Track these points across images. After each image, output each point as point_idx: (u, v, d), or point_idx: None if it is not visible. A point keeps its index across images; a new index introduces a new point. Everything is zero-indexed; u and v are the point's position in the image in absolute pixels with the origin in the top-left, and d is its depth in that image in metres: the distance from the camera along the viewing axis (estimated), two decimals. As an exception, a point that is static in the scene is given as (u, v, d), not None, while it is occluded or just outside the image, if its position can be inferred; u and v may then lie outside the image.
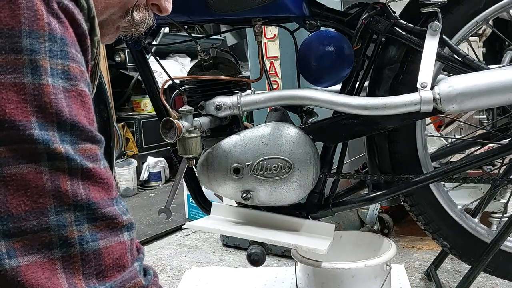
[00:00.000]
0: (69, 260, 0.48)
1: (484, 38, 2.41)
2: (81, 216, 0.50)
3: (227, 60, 1.28)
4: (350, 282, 1.26)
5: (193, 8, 1.18)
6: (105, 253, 0.51)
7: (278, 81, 1.99)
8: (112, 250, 0.51)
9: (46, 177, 0.48)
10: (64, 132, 0.50)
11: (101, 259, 0.50)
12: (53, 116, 0.49)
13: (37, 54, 0.48)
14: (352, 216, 2.13)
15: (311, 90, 1.19)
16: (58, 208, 0.48)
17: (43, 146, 0.48)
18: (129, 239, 0.54)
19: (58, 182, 0.49)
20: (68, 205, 0.49)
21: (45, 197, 0.48)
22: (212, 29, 4.18)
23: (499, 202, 1.63)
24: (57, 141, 0.49)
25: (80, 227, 0.49)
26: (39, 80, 0.48)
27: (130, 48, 1.25)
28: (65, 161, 0.49)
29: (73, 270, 0.49)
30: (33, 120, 0.48)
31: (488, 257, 1.22)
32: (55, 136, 0.49)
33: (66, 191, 0.49)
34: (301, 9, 1.17)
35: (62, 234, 0.48)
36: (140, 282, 0.54)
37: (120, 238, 0.53)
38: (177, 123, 1.10)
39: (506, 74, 1.04)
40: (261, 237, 1.18)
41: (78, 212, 0.49)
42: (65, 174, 0.49)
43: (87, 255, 0.49)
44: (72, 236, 0.49)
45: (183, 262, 2.05)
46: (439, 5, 1.10)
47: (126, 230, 0.54)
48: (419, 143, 1.24)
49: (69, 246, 0.49)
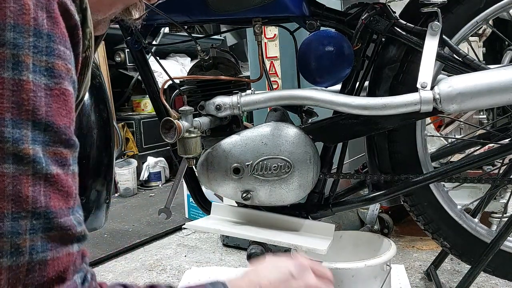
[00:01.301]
0: (15, 270, 0.46)
1: (484, 38, 2.41)
2: (37, 224, 0.47)
3: (227, 60, 1.28)
4: (350, 282, 1.26)
5: (193, 8, 1.18)
6: (51, 264, 0.49)
7: (278, 81, 1.99)
8: (58, 262, 0.49)
9: (8, 180, 0.46)
10: (37, 132, 0.48)
11: (45, 271, 0.48)
12: (28, 114, 0.47)
13: (20, 49, 0.47)
14: (352, 216, 2.13)
15: (311, 90, 1.19)
16: (15, 214, 0.46)
17: (11, 146, 0.46)
18: (77, 251, 0.52)
19: (20, 187, 0.46)
20: (26, 212, 0.47)
21: (4, 201, 0.46)
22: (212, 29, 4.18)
23: (499, 202, 1.63)
24: (28, 141, 0.47)
25: (33, 236, 0.47)
26: (19, 75, 0.47)
27: (130, 48, 1.25)
28: (31, 164, 0.47)
29: (15, 280, 0.47)
30: (7, 116, 0.46)
31: (488, 257, 1.22)
32: (27, 135, 0.47)
33: (26, 197, 0.47)
34: (301, 9, 1.17)
35: (15, 242, 0.46)
36: None
37: (69, 249, 0.50)
38: (177, 123, 1.10)
39: (506, 74, 1.04)
40: (261, 237, 1.18)
41: (34, 220, 0.47)
42: (28, 179, 0.47)
43: (33, 266, 0.47)
44: (24, 245, 0.47)
45: (183, 262, 2.05)
46: (439, 5, 1.10)
47: (76, 241, 0.52)
48: (419, 143, 1.24)
49: (19, 255, 0.46)
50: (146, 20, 1.23)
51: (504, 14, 1.25)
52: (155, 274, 1.95)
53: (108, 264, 2.10)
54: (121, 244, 2.26)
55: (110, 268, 2.05)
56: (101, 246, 2.24)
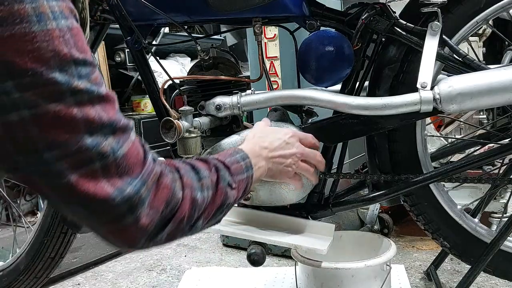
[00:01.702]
0: (106, 168, 0.61)
1: (484, 38, 2.41)
2: (107, 132, 0.61)
3: (227, 60, 1.28)
4: (350, 282, 1.26)
5: (193, 8, 1.18)
6: (128, 154, 0.63)
7: (278, 81, 1.99)
8: (131, 150, 0.64)
9: (75, 110, 0.58)
10: (79, 68, 0.58)
11: (128, 160, 0.63)
12: (67, 56, 0.57)
13: (36, 1, 0.54)
14: (352, 216, 2.13)
15: (311, 90, 1.19)
16: (90, 132, 0.59)
17: (66, 86, 0.57)
18: (136, 138, 0.66)
19: (85, 112, 0.58)
20: (97, 127, 0.60)
21: (79, 125, 0.58)
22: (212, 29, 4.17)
23: (499, 202, 1.63)
24: (75, 78, 0.57)
25: (108, 141, 0.61)
26: (46, 26, 0.55)
27: (130, 48, 1.25)
28: (85, 94, 0.59)
29: (111, 174, 0.61)
30: (52, 64, 0.55)
31: (488, 257, 1.22)
32: (73, 74, 0.57)
33: (93, 117, 0.59)
34: (301, 9, 1.17)
35: (99, 151, 0.60)
36: (157, 171, 0.68)
37: (131, 139, 0.65)
38: (177, 123, 1.10)
39: (506, 74, 1.04)
40: (261, 237, 1.18)
41: (104, 130, 0.61)
42: (87, 104, 0.59)
43: (118, 161, 0.62)
44: (105, 150, 0.60)
45: (183, 262, 2.05)
46: (439, 5, 1.10)
47: (132, 131, 0.66)
48: (419, 143, 1.23)
49: (105, 157, 0.60)
50: (146, 20, 1.23)
51: (504, 14, 1.24)
52: (155, 274, 1.95)
53: (108, 264, 2.10)
54: (121, 244, 2.25)
55: (110, 268, 2.06)
56: (101, 246, 2.24)
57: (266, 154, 0.99)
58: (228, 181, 0.83)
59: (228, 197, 0.82)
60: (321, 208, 1.26)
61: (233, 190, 0.84)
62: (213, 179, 0.80)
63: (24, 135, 0.56)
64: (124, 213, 0.63)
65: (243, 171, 0.89)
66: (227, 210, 0.85)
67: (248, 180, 0.90)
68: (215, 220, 0.83)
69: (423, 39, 1.11)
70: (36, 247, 1.55)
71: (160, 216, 0.67)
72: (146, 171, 0.66)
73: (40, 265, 1.56)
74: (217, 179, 0.81)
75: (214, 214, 0.80)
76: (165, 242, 0.72)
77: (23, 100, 0.55)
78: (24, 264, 1.57)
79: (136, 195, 0.63)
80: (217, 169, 0.82)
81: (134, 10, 1.18)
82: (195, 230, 0.77)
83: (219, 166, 0.83)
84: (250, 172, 0.91)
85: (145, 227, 0.66)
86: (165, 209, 0.68)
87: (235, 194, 0.84)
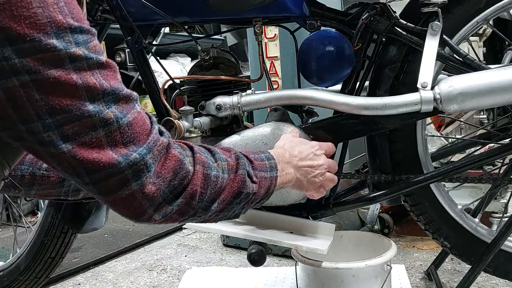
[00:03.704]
0: (110, 136, 0.61)
1: (484, 38, 2.41)
2: (110, 100, 0.61)
3: (227, 60, 1.28)
4: (351, 282, 1.26)
5: (193, 8, 1.18)
6: (134, 123, 0.64)
7: (278, 81, 1.99)
8: (137, 120, 0.64)
9: (75, 76, 0.58)
10: (76, 36, 0.59)
11: (133, 129, 0.64)
12: (63, 23, 0.57)
13: None
14: (353, 216, 2.13)
15: (311, 90, 1.19)
16: (92, 99, 0.60)
17: (64, 52, 0.57)
18: (140, 108, 0.66)
19: (85, 79, 0.59)
20: (98, 94, 0.60)
21: (80, 91, 0.59)
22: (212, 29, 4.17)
23: (500, 202, 1.63)
24: (73, 45, 0.58)
25: (112, 108, 0.61)
26: None
27: (130, 48, 1.25)
28: (84, 60, 0.59)
29: (115, 142, 0.62)
30: (48, 30, 0.56)
31: (489, 257, 1.22)
32: (70, 41, 0.58)
33: (94, 84, 0.60)
34: (302, 9, 1.17)
35: (102, 117, 0.60)
36: (163, 141, 0.68)
37: (137, 109, 0.65)
38: (177, 123, 1.10)
39: (506, 74, 1.04)
40: (261, 237, 1.18)
41: (106, 98, 0.61)
42: (87, 71, 0.59)
43: (123, 129, 0.62)
44: (109, 117, 0.61)
45: (184, 262, 2.05)
46: (439, 5, 1.10)
47: (136, 102, 0.66)
48: (420, 143, 1.23)
49: (109, 125, 0.61)
50: (146, 20, 1.23)
51: (504, 14, 1.25)
52: (155, 274, 1.95)
53: (109, 264, 2.10)
54: (122, 244, 2.26)
55: (111, 268, 2.06)
56: (101, 246, 2.25)
57: (296, 163, 0.97)
58: (248, 171, 0.81)
59: (247, 186, 0.79)
60: (321, 208, 1.26)
61: (254, 184, 0.81)
62: (231, 164, 0.78)
63: (25, 100, 0.57)
64: (129, 178, 0.63)
65: (266, 170, 0.86)
66: (246, 204, 0.82)
67: (272, 181, 0.87)
68: (232, 211, 0.80)
69: (423, 39, 1.11)
70: (37, 247, 1.55)
71: (168, 186, 0.67)
72: (152, 139, 0.66)
73: (40, 265, 1.56)
74: (236, 164, 0.79)
75: (231, 201, 0.78)
76: (176, 219, 0.72)
77: (22, 66, 0.56)
78: (24, 264, 1.57)
79: (141, 161, 0.64)
80: (238, 157, 0.81)
81: (134, 10, 1.18)
82: (209, 214, 0.75)
83: (240, 156, 0.82)
84: (275, 173, 0.88)
85: (151, 195, 0.66)
86: (173, 179, 0.68)
87: (256, 188, 0.82)
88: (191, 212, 0.72)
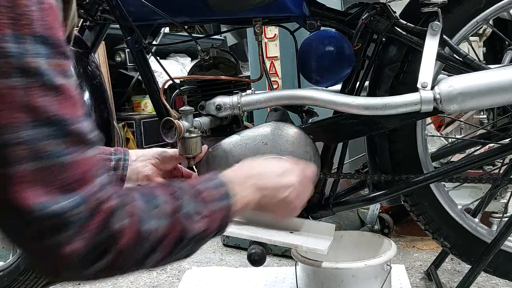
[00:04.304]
0: (38, 172, 0.50)
1: (484, 38, 2.41)
2: (52, 131, 0.51)
3: (227, 60, 1.28)
4: (351, 282, 1.26)
5: (193, 8, 1.18)
6: (71, 168, 0.53)
7: (278, 81, 1.99)
8: (81, 163, 0.54)
9: (19, 93, 0.49)
10: (38, 45, 0.50)
11: (67, 173, 0.52)
12: (27, 28, 0.49)
13: None
14: (353, 216, 2.13)
15: (311, 90, 1.19)
16: (31, 123, 0.50)
17: (16, 60, 0.49)
18: (93, 156, 0.56)
19: (31, 98, 0.49)
20: (40, 120, 0.50)
21: (17, 112, 0.49)
22: (212, 29, 4.17)
23: (500, 202, 1.63)
24: (31, 54, 0.50)
25: (50, 141, 0.51)
26: None
27: (130, 48, 1.25)
28: (38, 76, 0.50)
29: (42, 182, 0.51)
30: (7, 32, 0.48)
31: (489, 257, 1.22)
32: (28, 49, 0.49)
33: (38, 107, 0.50)
34: (301, 9, 1.17)
35: (34, 148, 0.50)
36: (103, 196, 0.56)
37: (86, 154, 0.54)
38: (177, 123, 1.10)
39: (506, 74, 1.04)
40: (261, 237, 1.18)
41: (49, 127, 0.51)
42: (37, 90, 0.50)
43: (58, 168, 0.52)
44: (44, 150, 0.50)
45: (183, 262, 2.05)
46: (439, 5, 1.10)
47: (91, 147, 0.55)
48: (420, 143, 1.23)
49: (40, 159, 0.50)
50: (146, 20, 1.23)
51: (504, 14, 1.25)
52: (155, 274, 1.95)
53: (109, 264, 2.10)
54: (122, 244, 2.25)
55: (111, 268, 2.05)
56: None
57: (254, 182, 0.82)
58: (190, 211, 0.69)
59: (190, 229, 0.69)
60: (321, 208, 1.26)
61: (203, 220, 0.71)
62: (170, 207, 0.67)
63: None
64: (46, 231, 0.52)
65: (218, 199, 0.74)
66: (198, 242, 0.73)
67: (226, 211, 0.76)
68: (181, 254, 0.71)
69: (423, 39, 1.11)
70: (37, 247, 1.55)
71: (92, 245, 0.56)
72: (90, 191, 0.55)
73: (40, 265, 1.56)
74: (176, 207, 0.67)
75: (174, 247, 0.67)
76: (105, 275, 0.62)
77: None
78: (24, 264, 1.57)
79: (64, 214, 0.52)
80: (178, 196, 0.69)
81: (134, 10, 1.18)
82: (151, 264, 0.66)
83: (181, 193, 0.70)
84: (228, 202, 0.76)
85: (71, 254, 0.54)
86: (99, 238, 0.56)
87: (205, 225, 0.71)
88: (125, 267, 0.63)
